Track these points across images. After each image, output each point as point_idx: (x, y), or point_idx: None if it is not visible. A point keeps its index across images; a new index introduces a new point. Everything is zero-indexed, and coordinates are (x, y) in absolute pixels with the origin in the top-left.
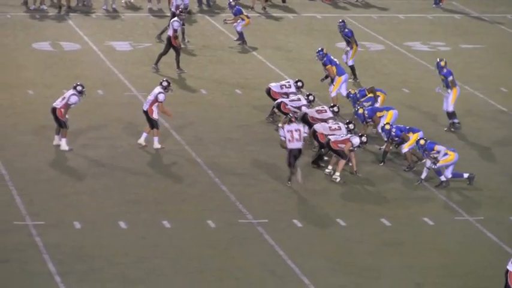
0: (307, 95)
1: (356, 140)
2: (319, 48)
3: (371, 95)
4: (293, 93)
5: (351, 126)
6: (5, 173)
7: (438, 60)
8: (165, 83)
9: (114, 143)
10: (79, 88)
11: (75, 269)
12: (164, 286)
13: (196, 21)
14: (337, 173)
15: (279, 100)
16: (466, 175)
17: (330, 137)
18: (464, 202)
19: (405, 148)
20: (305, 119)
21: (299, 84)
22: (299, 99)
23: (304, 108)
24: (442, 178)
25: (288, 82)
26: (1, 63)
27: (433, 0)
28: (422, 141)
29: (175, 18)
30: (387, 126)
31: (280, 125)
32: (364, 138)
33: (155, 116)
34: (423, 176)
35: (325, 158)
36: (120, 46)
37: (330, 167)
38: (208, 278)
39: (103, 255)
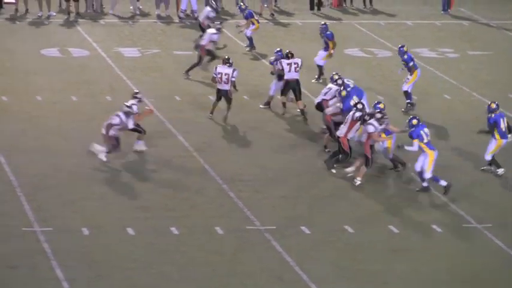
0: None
1: (371, 127)
2: (278, 49)
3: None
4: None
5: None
6: (13, 179)
7: (400, 45)
8: (139, 95)
9: (122, 149)
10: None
11: (83, 275)
12: None
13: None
14: (359, 178)
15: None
16: (443, 183)
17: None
18: (472, 209)
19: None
20: (320, 106)
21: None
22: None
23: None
24: (425, 184)
25: (329, 89)
26: (10, 69)
27: (441, 7)
28: (415, 121)
29: (214, 31)
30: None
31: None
32: (359, 106)
33: (130, 126)
34: (425, 183)
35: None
36: (128, 52)
37: (351, 168)
38: (216, 284)
39: (111, 261)
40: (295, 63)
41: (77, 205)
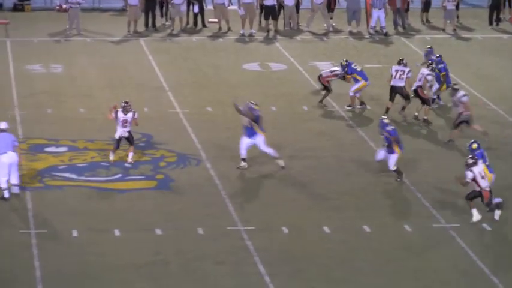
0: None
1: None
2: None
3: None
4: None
5: None
6: (218, 182)
7: (428, 46)
8: (123, 104)
9: (317, 155)
10: None
11: (283, 270)
12: (364, 285)
13: (393, 43)
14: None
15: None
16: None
17: None
18: None
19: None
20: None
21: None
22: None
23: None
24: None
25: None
26: (215, 82)
27: None
28: (474, 145)
29: (427, 72)
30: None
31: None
32: None
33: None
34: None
35: None
36: (323, 66)
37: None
38: (403, 278)
39: (308, 257)
40: (401, 71)
41: (276, 206)
